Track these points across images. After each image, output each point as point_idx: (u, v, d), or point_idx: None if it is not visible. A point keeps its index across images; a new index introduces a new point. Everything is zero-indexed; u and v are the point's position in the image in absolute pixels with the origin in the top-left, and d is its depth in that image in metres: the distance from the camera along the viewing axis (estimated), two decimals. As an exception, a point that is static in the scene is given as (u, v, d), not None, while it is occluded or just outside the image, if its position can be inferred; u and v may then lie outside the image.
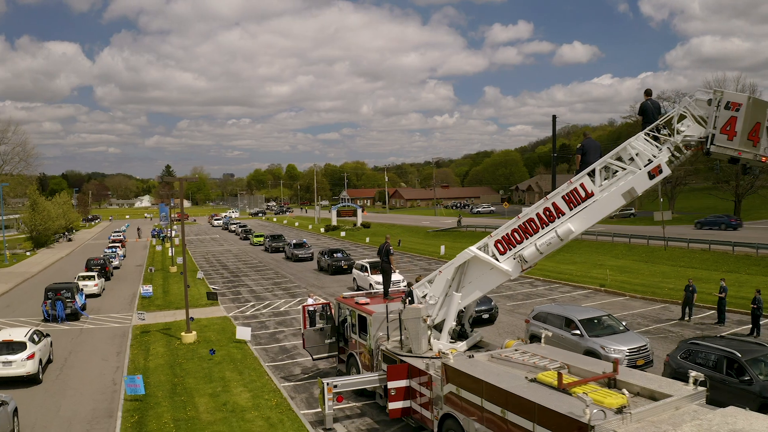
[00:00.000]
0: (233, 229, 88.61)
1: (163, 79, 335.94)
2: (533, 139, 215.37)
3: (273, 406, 15.23)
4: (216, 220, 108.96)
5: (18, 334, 18.67)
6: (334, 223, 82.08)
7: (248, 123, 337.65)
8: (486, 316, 23.98)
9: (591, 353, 16.89)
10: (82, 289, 30.62)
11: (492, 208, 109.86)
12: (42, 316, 28.12)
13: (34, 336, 19.11)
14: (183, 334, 22.77)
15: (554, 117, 47.86)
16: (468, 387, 10.98)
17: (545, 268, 39.58)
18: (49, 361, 20.53)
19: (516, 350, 12.35)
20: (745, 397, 13.22)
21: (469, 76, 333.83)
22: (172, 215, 57.07)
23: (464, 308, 14.19)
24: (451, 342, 13.62)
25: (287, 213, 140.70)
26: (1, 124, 69.39)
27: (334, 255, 42.12)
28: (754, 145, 10.98)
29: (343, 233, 73.84)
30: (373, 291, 19.41)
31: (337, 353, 17.59)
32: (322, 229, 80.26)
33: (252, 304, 31.21)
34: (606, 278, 32.38)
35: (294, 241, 53.18)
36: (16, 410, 14.49)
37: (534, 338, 19.49)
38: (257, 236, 67.09)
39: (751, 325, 21.42)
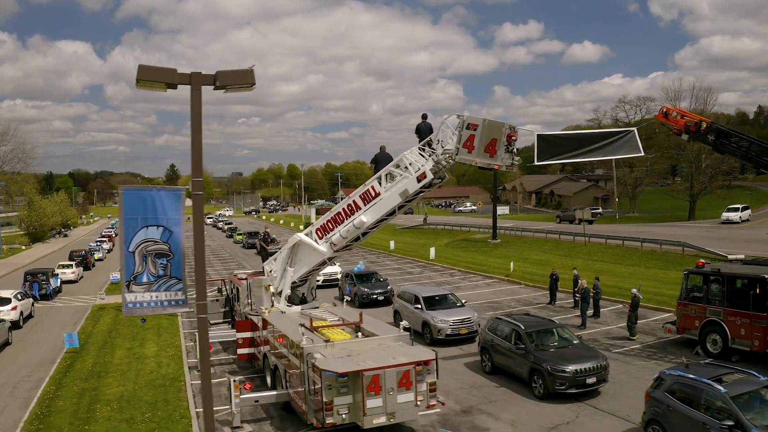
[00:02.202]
0: (221, 226, 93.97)
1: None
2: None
3: (169, 356, 20.24)
4: (209, 218, 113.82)
5: (6, 293, 26.81)
6: (313, 220, 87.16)
7: (257, 122, 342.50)
8: (381, 298, 28.87)
9: (425, 323, 21.72)
10: (57, 275, 35.94)
11: (473, 208, 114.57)
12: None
13: (18, 295, 27.29)
14: (128, 308, 27.86)
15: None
16: (271, 331, 15.89)
17: (474, 261, 44.34)
18: (30, 315, 28.30)
19: (325, 310, 17.24)
20: (522, 362, 16.56)
21: (479, 76, 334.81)
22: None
23: (306, 280, 18.87)
24: (288, 305, 18.40)
25: (280, 212, 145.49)
26: (1, 126, 74.49)
27: None
28: (491, 156, 15.04)
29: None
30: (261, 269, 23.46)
31: (229, 319, 22.53)
32: (302, 227, 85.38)
33: (203, 289, 36.23)
34: (510, 270, 37.03)
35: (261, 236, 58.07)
36: (10, 327, 23.25)
37: (396, 313, 24.30)
38: (239, 234, 70.77)
39: (593, 309, 25.68)
